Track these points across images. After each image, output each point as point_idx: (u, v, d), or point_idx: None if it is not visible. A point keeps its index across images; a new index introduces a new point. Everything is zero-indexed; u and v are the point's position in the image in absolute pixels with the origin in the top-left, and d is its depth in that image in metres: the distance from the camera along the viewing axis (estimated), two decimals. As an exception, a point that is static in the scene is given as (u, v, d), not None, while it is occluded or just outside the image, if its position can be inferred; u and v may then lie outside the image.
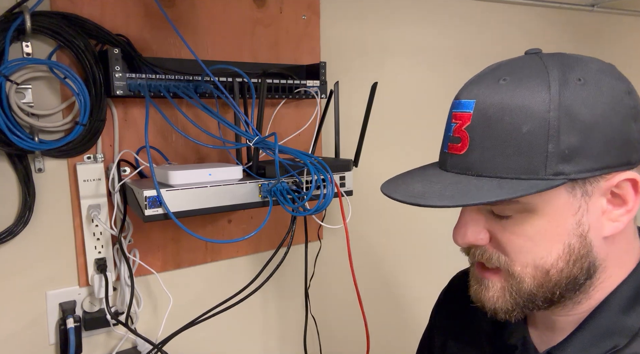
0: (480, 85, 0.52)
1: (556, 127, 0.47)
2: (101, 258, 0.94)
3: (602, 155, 0.48)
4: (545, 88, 0.48)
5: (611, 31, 1.76)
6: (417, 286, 1.42)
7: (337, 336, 1.29)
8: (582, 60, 0.51)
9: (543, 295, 0.52)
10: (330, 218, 1.19)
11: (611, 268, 0.53)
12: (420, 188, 0.52)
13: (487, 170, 0.50)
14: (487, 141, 0.50)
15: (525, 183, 0.48)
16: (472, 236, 0.54)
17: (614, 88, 0.49)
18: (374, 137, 1.27)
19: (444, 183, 0.52)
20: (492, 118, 0.49)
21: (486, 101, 0.50)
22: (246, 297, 0.89)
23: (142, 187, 0.80)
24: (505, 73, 0.51)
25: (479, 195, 0.48)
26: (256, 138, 0.86)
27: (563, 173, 0.47)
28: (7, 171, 0.87)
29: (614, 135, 0.48)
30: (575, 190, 0.49)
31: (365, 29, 1.24)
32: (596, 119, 0.48)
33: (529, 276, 0.52)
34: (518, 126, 0.48)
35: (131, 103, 0.95)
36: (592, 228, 0.51)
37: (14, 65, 0.80)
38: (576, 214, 0.50)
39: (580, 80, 0.49)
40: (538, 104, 0.48)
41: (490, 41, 1.46)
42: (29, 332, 0.92)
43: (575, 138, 0.47)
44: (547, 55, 0.52)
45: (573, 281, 0.52)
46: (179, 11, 0.98)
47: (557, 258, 0.51)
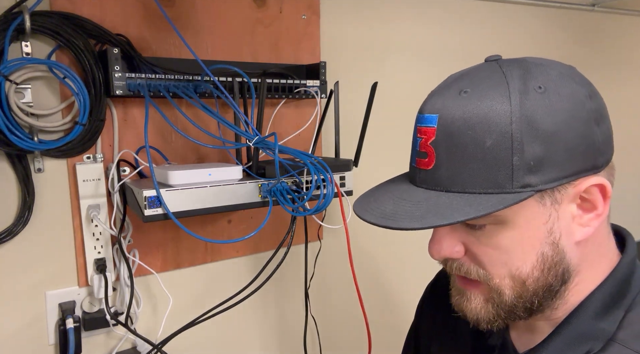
0: (442, 98, 0.51)
1: (519, 139, 0.47)
2: (101, 258, 0.94)
3: (568, 163, 0.48)
4: (505, 99, 0.47)
5: (611, 31, 1.76)
6: (418, 286, 1.41)
7: (337, 336, 1.29)
8: (542, 66, 0.50)
9: (523, 305, 0.53)
10: (330, 218, 1.18)
11: (584, 272, 0.53)
12: (391, 208, 0.52)
13: (455, 185, 0.50)
14: (452, 156, 0.49)
15: (494, 197, 0.47)
16: (447, 250, 0.54)
17: (575, 94, 0.49)
18: (374, 137, 1.26)
19: (414, 201, 0.51)
20: (456, 133, 0.49)
21: (449, 116, 0.49)
22: (246, 297, 0.89)
23: (141, 187, 0.80)
24: (466, 84, 0.50)
25: (447, 213, 0.48)
26: (256, 138, 0.86)
27: (530, 185, 0.47)
28: (6, 171, 0.87)
29: (578, 141, 0.48)
30: (544, 199, 0.49)
31: (365, 28, 1.24)
32: (558, 127, 0.47)
33: (508, 287, 0.52)
34: (481, 140, 0.48)
35: (131, 103, 0.95)
36: (564, 235, 0.51)
37: (13, 64, 0.80)
38: (547, 223, 0.50)
39: (541, 88, 0.48)
40: (500, 117, 0.47)
41: (490, 40, 1.46)
42: (29, 332, 0.92)
43: (539, 148, 0.47)
44: (507, 62, 0.51)
45: (549, 289, 0.52)
46: (179, 11, 0.98)
47: (532, 267, 0.51)
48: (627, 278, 0.54)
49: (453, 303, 0.59)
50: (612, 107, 1.91)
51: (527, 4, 1.51)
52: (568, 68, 0.52)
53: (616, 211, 0.57)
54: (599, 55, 1.74)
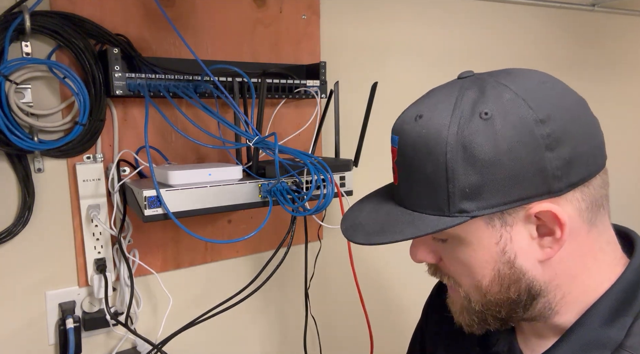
0: (403, 121, 0.54)
1: (453, 167, 0.48)
2: (101, 258, 0.94)
3: (511, 189, 0.48)
4: (445, 127, 0.49)
5: (611, 31, 1.76)
6: (418, 286, 1.41)
7: (337, 336, 1.29)
8: (498, 88, 0.49)
9: (491, 314, 0.55)
10: (330, 218, 1.18)
11: (567, 285, 0.53)
12: (362, 217, 0.57)
13: (409, 203, 0.53)
14: (406, 177, 0.53)
15: (434, 219, 0.50)
16: (422, 256, 0.58)
17: (524, 119, 0.47)
18: (374, 137, 1.26)
19: (380, 214, 0.56)
20: (407, 156, 0.52)
21: (404, 139, 0.53)
22: (246, 297, 0.89)
23: (141, 187, 0.80)
24: (423, 108, 0.52)
25: (391, 232, 0.52)
26: (256, 138, 0.86)
27: (465, 211, 0.49)
28: (6, 171, 0.87)
29: (522, 168, 0.47)
30: (493, 221, 0.50)
31: (365, 28, 1.24)
32: (498, 156, 0.47)
33: (473, 296, 0.55)
34: (424, 166, 0.50)
35: (131, 103, 0.95)
36: (521, 255, 0.51)
37: (13, 64, 0.80)
38: (499, 243, 0.51)
39: (487, 114, 0.48)
40: (438, 145, 0.49)
41: (490, 41, 1.46)
42: (29, 332, 0.92)
43: (474, 176, 0.48)
44: (470, 82, 0.52)
45: (514, 302, 0.53)
46: (179, 11, 0.98)
47: (491, 282, 0.52)
48: (635, 284, 0.53)
49: (447, 304, 0.62)
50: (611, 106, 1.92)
51: (527, 4, 1.51)
52: (534, 87, 0.50)
53: (617, 211, 0.56)
54: (599, 55, 1.74)
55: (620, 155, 1.86)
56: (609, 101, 1.80)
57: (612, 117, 1.81)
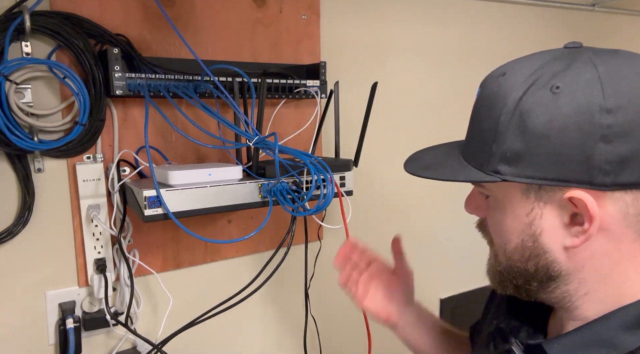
0: (490, 75, 0.56)
1: (503, 130, 0.50)
2: (101, 258, 0.94)
3: (551, 167, 0.48)
4: (512, 90, 0.50)
5: (612, 31, 1.76)
6: (418, 286, 1.41)
7: (337, 336, 1.29)
8: (588, 66, 0.49)
9: (509, 279, 0.56)
10: (330, 218, 1.18)
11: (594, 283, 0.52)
12: (427, 154, 0.62)
13: (464, 151, 0.56)
14: (470, 127, 0.56)
15: (471, 171, 0.53)
16: (470, 207, 0.61)
17: (589, 103, 0.46)
18: (374, 137, 1.26)
19: (440, 153, 0.60)
20: (477, 108, 0.55)
21: (482, 92, 0.55)
22: (246, 297, 0.89)
23: (141, 187, 0.80)
24: (511, 68, 0.53)
25: (433, 170, 0.57)
26: (256, 138, 0.86)
27: (499, 172, 0.51)
28: (6, 171, 0.87)
29: (568, 150, 0.47)
30: (529, 192, 0.51)
31: (365, 28, 1.24)
32: (549, 131, 0.47)
33: (500, 256, 0.57)
34: (483, 121, 0.53)
35: (131, 103, 0.95)
36: (546, 233, 0.51)
37: (13, 64, 0.80)
38: (529, 215, 0.52)
39: (558, 88, 0.48)
40: (499, 105, 0.50)
41: (490, 41, 1.46)
42: (29, 332, 0.92)
43: (519, 144, 0.49)
44: (573, 53, 0.53)
45: (531, 276, 0.54)
46: (179, 11, 0.98)
47: (514, 249, 0.54)
48: None
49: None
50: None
51: (527, 4, 1.51)
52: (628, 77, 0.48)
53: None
54: (599, 55, 1.74)
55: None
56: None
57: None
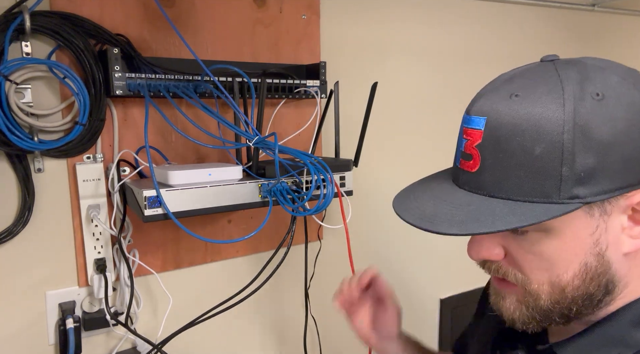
0: (492, 101, 0.50)
1: (570, 149, 0.45)
2: (101, 258, 0.94)
3: (621, 174, 0.45)
4: (559, 106, 0.45)
5: (612, 31, 1.76)
6: (418, 286, 1.41)
7: (337, 336, 1.29)
8: (601, 70, 0.48)
9: (559, 311, 0.51)
10: (330, 218, 1.18)
11: (634, 282, 0.52)
12: (431, 208, 0.51)
13: (499, 191, 0.48)
14: (498, 161, 0.48)
15: (539, 207, 0.46)
16: (487, 252, 0.53)
17: (636, 102, 0.46)
18: (374, 137, 1.26)
19: (456, 204, 0.50)
20: (503, 138, 0.47)
21: (497, 119, 0.48)
22: (246, 297, 0.89)
23: (141, 187, 0.80)
24: (518, 87, 0.49)
25: (489, 221, 0.46)
26: (256, 138, 0.86)
27: (578, 196, 0.45)
28: (6, 171, 0.87)
29: (635, 153, 0.45)
30: (593, 210, 0.47)
31: (365, 28, 1.24)
32: (615, 137, 0.45)
33: (546, 293, 0.51)
34: (530, 148, 0.46)
35: (131, 103, 0.95)
36: (611, 246, 0.49)
37: (13, 64, 0.80)
38: (594, 234, 0.48)
39: (599, 95, 0.46)
40: (551, 124, 0.45)
41: (490, 40, 1.46)
42: (29, 332, 0.92)
43: (591, 159, 0.45)
44: (564, 64, 0.49)
45: (590, 297, 0.50)
46: (179, 11, 0.98)
47: (574, 276, 0.49)
48: None
49: (491, 302, 0.58)
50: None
51: (527, 4, 1.51)
52: (630, 73, 0.49)
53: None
54: (599, 55, 1.73)
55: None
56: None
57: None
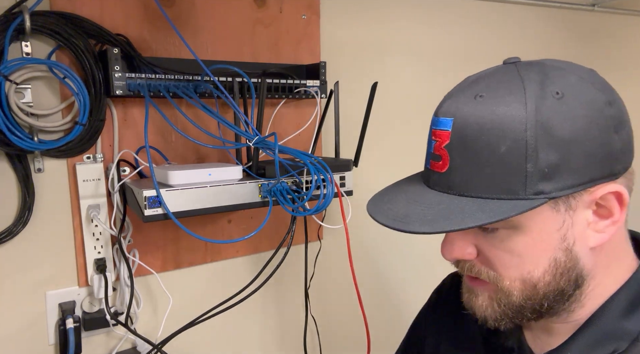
0: (457, 102, 0.51)
1: (534, 146, 0.46)
2: (101, 258, 0.94)
3: (584, 170, 0.47)
4: (521, 105, 0.47)
5: (612, 31, 1.76)
6: (418, 286, 1.41)
7: (337, 336, 1.29)
8: (561, 71, 0.50)
9: (531, 307, 0.53)
10: (330, 218, 1.18)
11: (600, 276, 0.53)
12: (403, 209, 0.52)
13: (468, 189, 0.50)
14: (466, 161, 0.50)
15: (506, 203, 0.47)
16: (459, 252, 0.54)
17: (594, 100, 0.48)
18: (374, 137, 1.26)
19: (427, 204, 0.52)
20: (470, 137, 0.49)
21: (463, 120, 0.50)
22: (246, 297, 0.89)
23: (141, 187, 0.80)
24: (482, 88, 0.50)
25: (458, 218, 0.48)
26: (256, 138, 0.86)
27: (543, 192, 0.47)
28: (6, 171, 0.87)
29: (595, 148, 0.47)
30: (558, 205, 0.49)
31: (365, 28, 1.24)
32: (576, 134, 0.47)
33: (517, 289, 0.52)
34: (495, 146, 0.48)
35: (131, 103, 0.95)
36: (578, 241, 0.50)
37: (13, 64, 0.80)
38: (561, 229, 0.50)
39: (559, 94, 0.47)
40: (514, 123, 0.47)
41: (490, 41, 1.46)
42: (29, 332, 0.92)
43: (554, 155, 0.47)
44: (525, 65, 0.51)
45: (561, 293, 0.52)
46: (179, 11, 0.98)
47: (544, 272, 0.51)
48: None
49: (464, 301, 0.59)
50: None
51: (527, 4, 1.51)
52: (588, 73, 0.51)
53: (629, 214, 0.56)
54: (599, 55, 1.74)
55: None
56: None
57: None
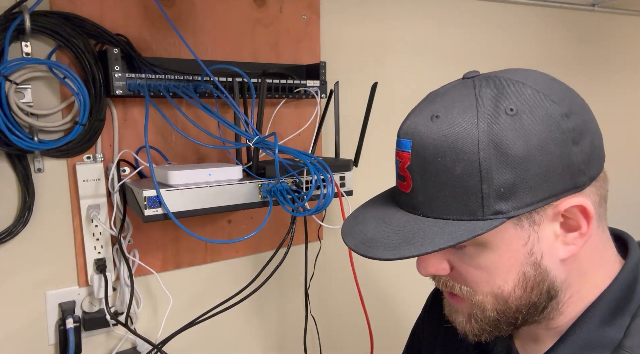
0: (416, 123, 0.51)
1: (487, 167, 0.46)
2: (101, 258, 0.94)
3: (542, 186, 0.47)
4: (473, 126, 0.47)
5: (611, 31, 1.76)
6: (418, 286, 1.41)
7: (337, 336, 1.29)
8: (517, 84, 0.49)
9: (506, 321, 0.53)
10: (330, 218, 1.18)
11: (578, 285, 0.53)
12: (372, 232, 0.53)
13: (431, 210, 0.50)
14: (426, 182, 0.50)
15: (466, 224, 0.47)
16: (433, 268, 0.55)
17: (550, 114, 0.47)
18: (374, 137, 1.26)
19: (394, 226, 0.52)
20: (427, 159, 0.49)
21: (421, 142, 0.50)
22: (246, 297, 0.89)
23: (141, 187, 0.80)
24: (438, 108, 0.50)
25: (419, 243, 0.48)
26: (256, 138, 0.86)
27: (501, 211, 0.47)
28: (6, 171, 0.87)
29: (553, 164, 0.46)
30: (521, 221, 0.49)
31: (365, 28, 1.24)
32: (530, 151, 0.46)
33: (490, 304, 0.52)
34: (451, 168, 0.47)
35: (131, 103, 0.95)
36: (546, 255, 0.50)
37: (13, 64, 0.80)
38: (527, 244, 0.49)
39: (512, 110, 0.47)
40: (467, 144, 0.47)
41: (490, 41, 1.46)
42: (29, 332, 0.92)
43: (509, 174, 0.46)
44: (482, 81, 0.50)
45: (533, 305, 0.52)
46: (179, 11, 0.98)
47: (514, 286, 0.51)
48: (631, 283, 0.53)
49: (446, 314, 0.60)
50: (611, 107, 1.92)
51: (527, 4, 1.51)
52: (547, 83, 0.50)
53: (616, 213, 0.56)
54: (599, 55, 1.74)
55: (620, 155, 1.86)
56: (609, 101, 1.80)
57: (610, 117, 1.81)
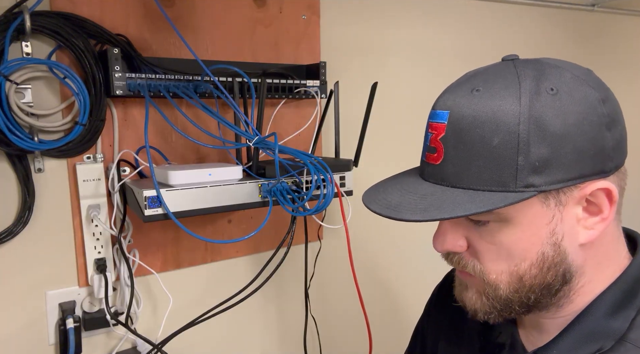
0: (455, 95, 0.52)
1: (526, 140, 0.47)
2: (101, 258, 0.94)
3: (575, 165, 0.48)
4: (515, 99, 0.48)
5: (611, 31, 1.76)
6: (418, 286, 1.41)
7: (337, 336, 1.29)
8: (556, 68, 0.51)
9: (519, 300, 0.53)
10: (330, 218, 1.18)
11: (590, 274, 0.54)
12: (397, 199, 0.53)
13: (460, 181, 0.51)
14: (460, 153, 0.51)
15: (496, 195, 0.48)
16: (451, 244, 0.55)
17: (588, 97, 0.49)
18: (374, 137, 1.26)
19: (420, 194, 0.52)
20: (464, 130, 0.50)
21: (459, 112, 0.51)
22: (246, 297, 0.89)
23: (141, 187, 0.80)
24: (479, 83, 0.51)
25: (449, 208, 0.49)
26: (256, 138, 0.86)
27: (533, 185, 0.48)
28: (6, 171, 0.87)
29: (587, 145, 0.48)
30: (548, 200, 0.50)
31: (365, 29, 1.24)
32: (568, 129, 0.47)
33: (504, 282, 0.53)
34: (488, 139, 0.49)
35: (131, 103, 0.95)
36: (567, 236, 0.51)
37: (13, 64, 0.80)
38: (550, 223, 0.50)
39: (553, 90, 0.48)
40: (508, 116, 0.48)
41: (490, 41, 1.46)
42: (29, 332, 0.92)
43: (545, 149, 0.47)
44: (522, 62, 0.52)
45: (547, 287, 0.52)
46: (179, 11, 0.98)
47: (531, 265, 0.51)
48: (638, 278, 0.54)
49: (455, 294, 0.60)
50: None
51: (527, 4, 1.51)
52: (584, 72, 0.52)
53: (623, 213, 0.56)
54: (599, 55, 1.74)
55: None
56: (609, 101, 1.80)
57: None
